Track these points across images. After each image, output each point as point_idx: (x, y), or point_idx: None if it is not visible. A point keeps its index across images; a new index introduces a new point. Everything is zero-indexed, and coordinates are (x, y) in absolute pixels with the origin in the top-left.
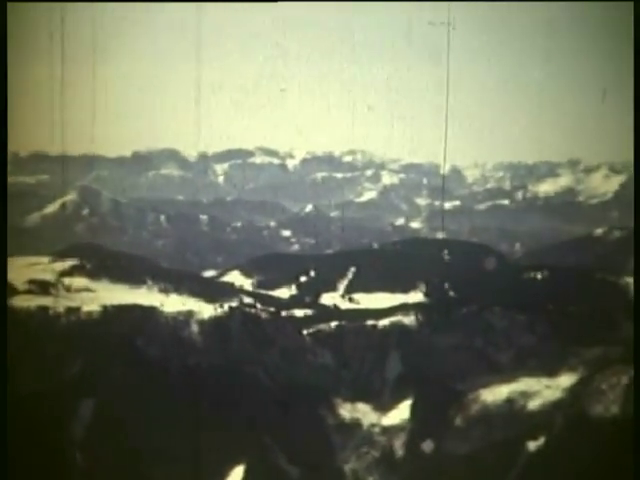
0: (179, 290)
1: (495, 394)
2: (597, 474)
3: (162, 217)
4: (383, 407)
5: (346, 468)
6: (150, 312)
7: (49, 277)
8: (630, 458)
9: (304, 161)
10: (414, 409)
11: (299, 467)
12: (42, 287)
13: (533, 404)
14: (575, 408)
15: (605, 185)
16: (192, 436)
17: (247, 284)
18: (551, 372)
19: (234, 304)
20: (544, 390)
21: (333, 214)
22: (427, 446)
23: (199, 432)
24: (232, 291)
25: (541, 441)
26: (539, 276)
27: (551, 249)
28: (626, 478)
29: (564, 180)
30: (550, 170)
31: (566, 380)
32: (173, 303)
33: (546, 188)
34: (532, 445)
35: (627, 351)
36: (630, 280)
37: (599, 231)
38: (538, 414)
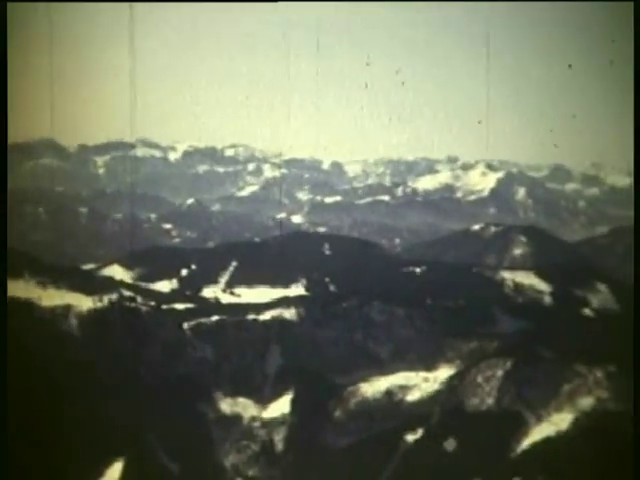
0: (57, 283)
1: (374, 387)
2: (472, 464)
3: (40, 209)
4: (264, 401)
5: (226, 462)
6: (27, 306)
7: None
8: (506, 447)
9: (186, 154)
10: (294, 403)
11: (179, 462)
12: None
13: (412, 397)
14: (452, 400)
15: (482, 182)
16: (69, 432)
17: (127, 277)
18: (429, 365)
19: (114, 298)
20: (422, 383)
21: (214, 208)
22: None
23: (77, 428)
24: (112, 284)
25: (419, 433)
26: (418, 271)
27: (430, 244)
28: (501, 467)
29: (442, 177)
30: (429, 167)
31: (443, 373)
32: (51, 297)
33: (425, 184)
34: (410, 437)
35: (502, 344)
36: (506, 274)
37: (476, 227)
38: (416, 407)
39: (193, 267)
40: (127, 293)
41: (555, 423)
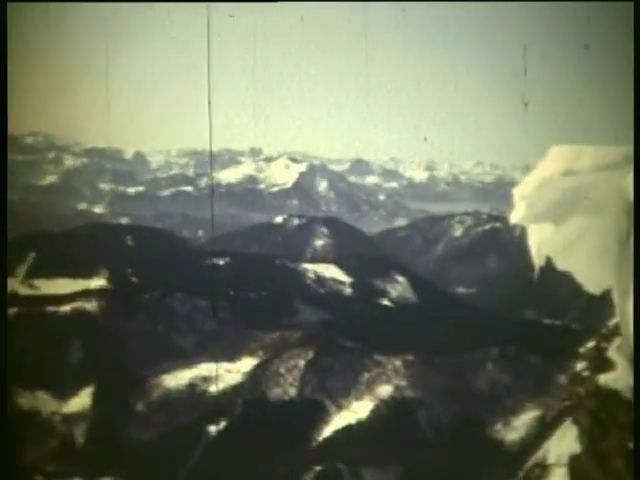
0: None
1: (177, 379)
2: (274, 454)
3: None
4: (64, 395)
5: (25, 459)
6: None
7: None
8: (308, 437)
9: None
10: (96, 396)
11: None
12: None
13: (214, 388)
14: (255, 391)
15: (285, 174)
16: None
17: None
18: (232, 357)
19: None
20: (225, 374)
21: (12, 198)
22: None
23: None
24: None
25: (222, 425)
26: (221, 262)
27: (233, 236)
28: (303, 456)
29: (246, 168)
30: (232, 158)
31: (246, 364)
32: None
33: (228, 176)
34: (213, 429)
35: (304, 335)
36: (307, 266)
37: (279, 219)
38: (219, 398)
39: None
40: None
41: (355, 411)
